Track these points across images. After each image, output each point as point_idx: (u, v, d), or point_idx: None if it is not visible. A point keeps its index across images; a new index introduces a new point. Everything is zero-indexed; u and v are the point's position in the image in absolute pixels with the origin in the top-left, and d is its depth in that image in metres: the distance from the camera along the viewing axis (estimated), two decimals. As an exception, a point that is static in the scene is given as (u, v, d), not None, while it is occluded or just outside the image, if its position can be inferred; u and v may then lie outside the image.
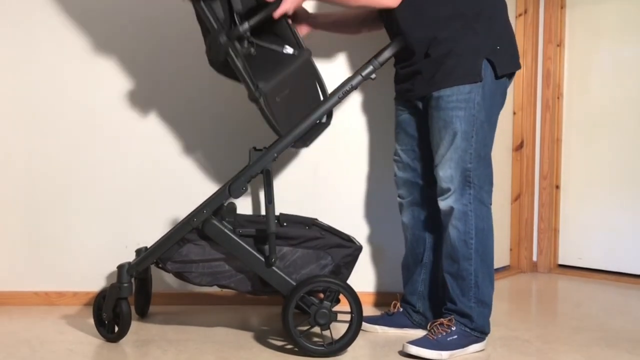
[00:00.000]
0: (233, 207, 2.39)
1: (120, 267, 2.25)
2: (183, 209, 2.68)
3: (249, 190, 2.63)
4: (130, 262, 2.27)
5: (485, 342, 2.23)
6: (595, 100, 3.36)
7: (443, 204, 2.19)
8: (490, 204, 2.23)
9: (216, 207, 2.21)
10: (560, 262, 3.50)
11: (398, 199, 2.41)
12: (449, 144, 2.15)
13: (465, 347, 2.17)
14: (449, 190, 2.17)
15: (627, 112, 3.28)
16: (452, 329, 2.17)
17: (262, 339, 2.31)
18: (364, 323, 2.34)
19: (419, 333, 2.32)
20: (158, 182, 2.72)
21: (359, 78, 2.25)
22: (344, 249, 2.27)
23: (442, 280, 2.29)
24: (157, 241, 2.25)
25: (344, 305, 2.17)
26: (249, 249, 2.19)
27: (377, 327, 2.39)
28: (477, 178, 2.17)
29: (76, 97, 2.69)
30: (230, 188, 2.20)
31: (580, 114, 3.41)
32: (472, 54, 2.12)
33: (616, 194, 3.30)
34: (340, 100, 2.25)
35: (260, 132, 2.64)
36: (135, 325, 2.31)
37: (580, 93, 3.42)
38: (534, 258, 3.53)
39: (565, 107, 3.47)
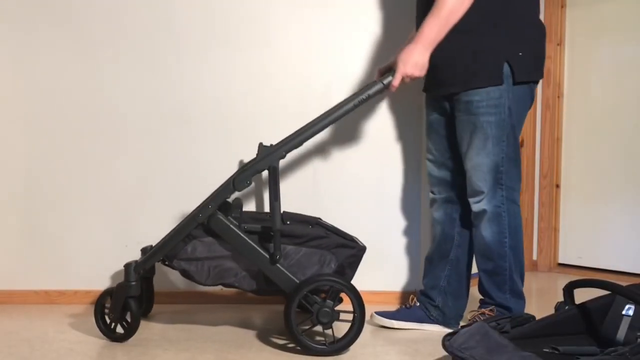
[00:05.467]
0: (240, 202, 2.38)
1: (127, 266, 2.23)
2: (183, 208, 2.68)
3: (253, 187, 2.62)
4: (137, 261, 2.25)
5: None
6: (596, 99, 3.36)
7: (476, 206, 2.23)
8: (519, 202, 2.26)
9: (221, 202, 2.19)
10: (560, 261, 3.51)
11: (431, 194, 2.42)
12: (480, 149, 2.17)
13: None
14: (481, 192, 2.20)
15: (627, 111, 3.28)
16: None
17: (262, 337, 2.31)
18: (381, 318, 2.38)
19: (435, 328, 2.36)
20: (158, 181, 2.71)
21: (379, 86, 2.19)
22: (348, 249, 2.26)
23: (467, 276, 2.37)
24: (163, 238, 2.24)
25: (346, 305, 2.17)
26: (254, 245, 2.17)
27: (393, 322, 2.39)
28: (509, 179, 2.20)
29: (76, 96, 2.69)
30: (235, 181, 2.18)
31: (581, 113, 3.41)
32: (493, 56, 2.12)
33: (616, 193, 3.30)
34: (355, 107, 2.20)
35: (262, 131, 2.64)
36: (135, 324, 2.30)
37: (581, 92, 3.42)
38: (534, 257, 3.53)
39: (565, 106, 3.47)
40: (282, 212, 2.32)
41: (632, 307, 1.91)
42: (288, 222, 2.29)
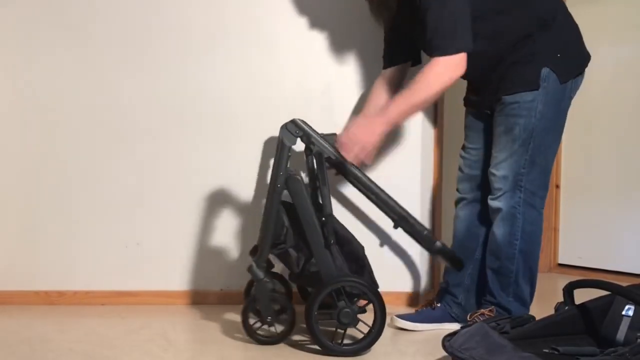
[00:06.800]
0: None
1: (249, 268, 2.17)
2: (183, 208, 2.69)
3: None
4: (254, 259, 2.19)
5: None
6: (595, 99, 3.36)
7: (493, 203, 2.26)
8: (542, 209, 2.28)
9: (286, 163, 2.15)
10: (560, 261, 3.51)
11: (457, 193, 2.44)
12: (507, 149, 2.22)
13: None
14: (500, 190, 2.24)
15: (626, 112, 3.28)
16: None
17: (263, 338, 2.31)
18: (403, 321, 2.38)
19: (455, 327, 2.33)
20: (158, 181, 2.71)
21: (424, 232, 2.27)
22: (369, 279, 2.26)
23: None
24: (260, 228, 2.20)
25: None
26: (317, 222, 2.13)
27: (417, 324, 2.39)
28: (529, 183, 2.23)
29: (76, 96, 2.69)
30: (287, 124, 2.16)
31: (580, 114, 3.40)
32: (530, 62, 2.18)
33: (616, 193, 3.30)
34: (390, 216, 2.27)
35: (262, 131, 2.64)
36: (135, 324, 2.31)
37: (580, 92, 3.40)
38: (534, 257, 3.53)
39: (565, 106, 3.46)
40: None
41: (632, 307, 1.91)
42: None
